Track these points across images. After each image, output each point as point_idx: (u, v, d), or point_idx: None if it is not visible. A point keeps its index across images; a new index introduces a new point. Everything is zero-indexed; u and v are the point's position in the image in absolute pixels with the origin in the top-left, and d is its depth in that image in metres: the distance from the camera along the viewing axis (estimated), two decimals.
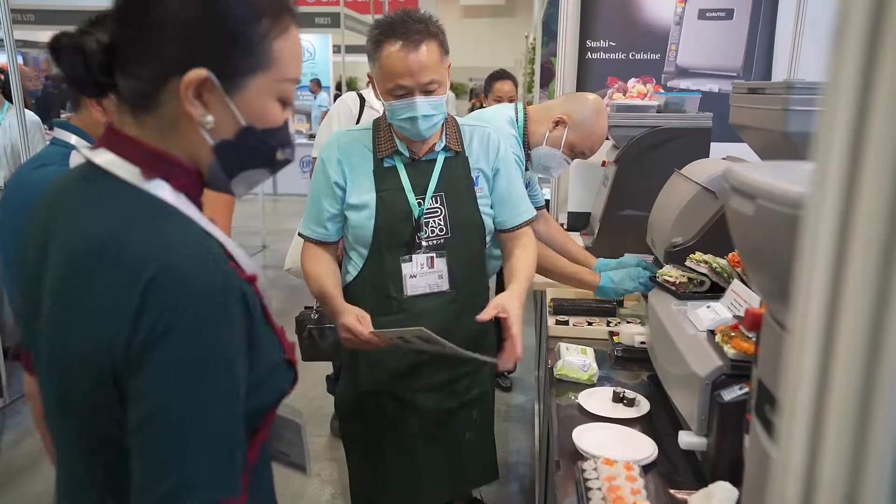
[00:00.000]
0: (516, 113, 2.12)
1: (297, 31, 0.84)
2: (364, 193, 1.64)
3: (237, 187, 0.85)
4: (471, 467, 1.83)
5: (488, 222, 1.73)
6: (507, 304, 1.55)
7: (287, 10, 0.81)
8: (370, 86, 1.68)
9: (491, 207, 1.74)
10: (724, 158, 2.19)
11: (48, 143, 1.93)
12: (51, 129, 2.29)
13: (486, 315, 1.53)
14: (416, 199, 1.65)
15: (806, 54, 2.76)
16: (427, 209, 1.65)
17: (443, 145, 1.68)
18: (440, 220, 1.66)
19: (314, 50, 11.86)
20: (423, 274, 1.66)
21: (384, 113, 1.67)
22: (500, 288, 2.34)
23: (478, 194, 1.71)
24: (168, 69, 0.75)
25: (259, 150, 0.83)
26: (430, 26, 1.54)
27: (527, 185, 2.18)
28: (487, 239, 1.76)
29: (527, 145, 2.11)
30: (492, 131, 1.78)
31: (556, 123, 2.07)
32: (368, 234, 1.64)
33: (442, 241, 1.67)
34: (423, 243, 1.65)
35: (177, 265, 0.71)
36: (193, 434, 0.70)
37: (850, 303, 0.28)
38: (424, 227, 1.65)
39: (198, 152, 0.80)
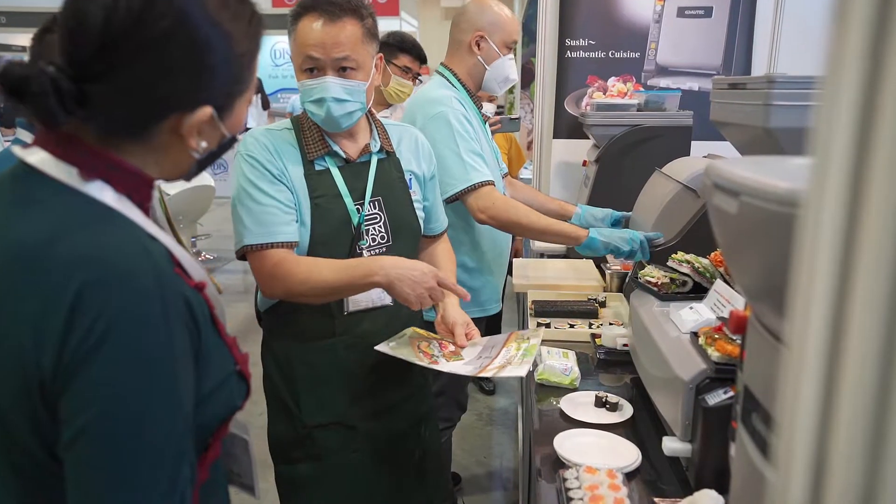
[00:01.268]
0: (444, 76, 2.10)
1: None
2: (298, 201, 1.46)
3: (195, 175, 0.86)
4: (424, 486, 1.71)
5: (421, 226, 1.64)
6: (459, 321, 1.55)
7: (261, 28, 0.82)
8: None
9: (422, 210, 1.66)
10: (705, 157, 2.16)
11: (8, 143, 1.87)
12: (10, 126, 2.21)
13: (464, 342, 1.53)
14: (355, 204, 1.50)
15: (785, 51, 2.75)
16: (366, 215, 1.51)
17: (378, 146, 1.56)
18: (380, 226, 1.53)
19: None
20: None
21: (304, 111, 1.51)
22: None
23: (413, 197, 1.61)
24: (169, 109, 0.74)
25: (228, 148, 0.85)
26: (355, 6, 1.42)
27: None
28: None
29: (472, 92, 2.11)
30: (418, 132, 1.69)
31: (477, 45, 2.07)
32: (303, 247, 1.46)
33: (384, 249, 1.54)
34: (365, 253, 1.51)
35: (110, 272, 0.67)
36: (132, 453, 0.66)
37: (859, 311, 0.24)
38: (364, 236, 1.51)
39: (181, 166, 0.81)
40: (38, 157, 0.73)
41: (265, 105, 10.18)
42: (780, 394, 0.27)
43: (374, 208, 1.53)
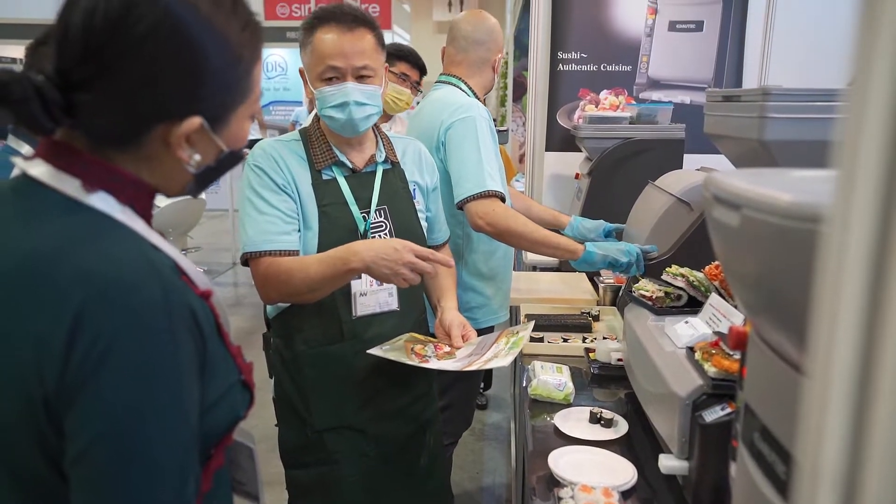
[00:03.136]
0: (460, 88, 2.11)
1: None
2: (306, 209, 1.51)
3: (199, 192, 0.85)
4: (428, 493, 1.72)
5: (425, 235, 1.67)
6: (455, 322, 1.57)
7: (260, 36, 0.81)
8: None
9: (426, 220, 1.69)
10: (697, 169, 2.15)
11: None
12: (3, 137, 2.19)
13: (459, 343, 1.55)
14: (361, 213, 1.54)
15: (775, 65, 2.76)
16: (372, 223, 1.55)
17: (383, 157, 1.60)
18: (386, 234, 1.56)
19: (286, 65, 11.73)
20: (372, 292, 1.55)
21: (313, 122, 1.58)
22: None
23: (417, 207, 1.65)
24: (156, 118, 0.73)
25: (232, 165, 0.84)
26: (366, 17, 1.49)
27: None
28: None
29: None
30: (421, 146, 1.73)
31: (493, 68, 2.16)
32: (312, 254, 1.50)
33: None
34: None
35: (112, 287, 0.66)
36: (138, 469, 0.66)
37: (893, 334, 0.22)
38: None
39: (176, 179, 0.80)
40: (40, 170, 0.73)
41: None
42: (802, 431, 0.25)
43: (380, 216, 1.57)
